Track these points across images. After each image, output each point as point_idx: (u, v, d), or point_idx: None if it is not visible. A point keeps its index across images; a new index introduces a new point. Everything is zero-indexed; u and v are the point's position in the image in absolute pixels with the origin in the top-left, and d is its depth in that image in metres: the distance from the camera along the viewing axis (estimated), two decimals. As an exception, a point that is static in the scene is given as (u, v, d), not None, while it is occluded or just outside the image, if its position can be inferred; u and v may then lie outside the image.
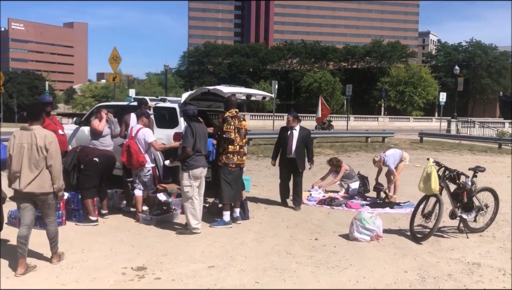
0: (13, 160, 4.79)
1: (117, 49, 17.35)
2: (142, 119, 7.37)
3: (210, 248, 5.82)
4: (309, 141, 8.63)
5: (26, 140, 4.80)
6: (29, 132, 4.84)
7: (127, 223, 7.06)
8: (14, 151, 4.79)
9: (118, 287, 4.47)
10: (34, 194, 4.85)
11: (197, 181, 6.53)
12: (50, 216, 5.13)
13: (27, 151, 4.77)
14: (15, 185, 4.83)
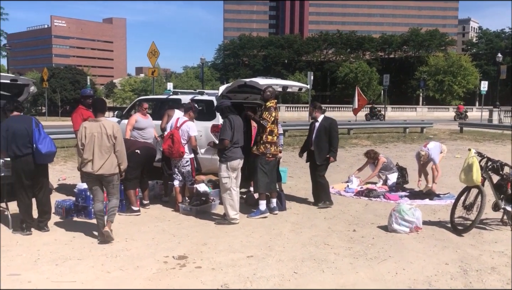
0: (86, 148, 5.58)
1: (155, 44, 17.69)
2: (190, 113, 7.53)
3: (248, 238, 5.90)
4: (332, 132, 7.81)
5: (96, 130, 5.61)
6: (98, 123, 5.67)
7: (168, 213, 7.25)
8: (87, 140, 5.58)
9: (160, 275, 4.61)
10: (104, 175, 5.67)
11: (235, 173, 6.63)
12: (113, 194, 5.89)
13: (98, 139, 5.58)
14: (87, 168, 5.61)
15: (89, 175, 5.70)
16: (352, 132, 22.88)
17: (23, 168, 5.86)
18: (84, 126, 5.69)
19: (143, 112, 8.44)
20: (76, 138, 8.02)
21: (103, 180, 5.73)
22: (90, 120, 5.80)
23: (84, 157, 5.61)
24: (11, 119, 5.98)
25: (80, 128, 5.74)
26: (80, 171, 5.94)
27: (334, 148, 7.80)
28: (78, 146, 5.75)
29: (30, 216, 6.02)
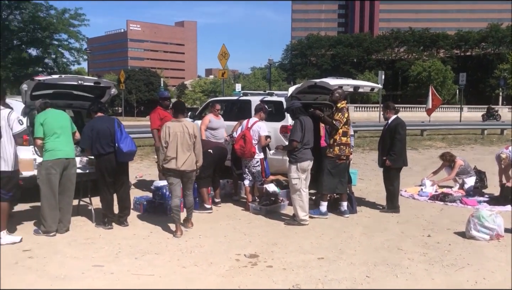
0: (170, 146, 6.00)
1: (225, 46, 18.08)
2: (260, 114, 7.65)
3: (318, 240, 5.89)
4: (395, 134, 7.32)
5: (179, 129, 6.05)
6: (180, 123, 6.13)
7: (238, 212, 7.40)
8: (170, 138, 6.00)
9: (233, 272, 4.72)
10: (185, 171, 6.10)
11: (305, 174, 6.63)
12: (190, 189, 6.35)
13: (180, 138, 6.02)
14: (171, 165, 6.02)
15: (171, 172, 6.08)
16: (425, 134, 22.06)
17: (106, 166, 6.24)
18: (167, 126, 6.10)
19: (215, 113, 8.67)
20: (152, 136, 8.46)
21: (184, 176, 6.14)
22: (173, 120, 6.21)
23: (168, 154, 6.01)
24: (96, 120, 6.39)
25: (163, 128, 6.12)
26: (161, 168, 6.29)
27: (393, 152, 7.31)
28: (160, 144, 6.15)
29: (112, 211, 6.40)
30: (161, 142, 6.11)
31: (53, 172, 5.90)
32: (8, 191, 5.52)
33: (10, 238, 5.53)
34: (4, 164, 5.42)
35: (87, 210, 6.86)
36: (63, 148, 6.01)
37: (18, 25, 35.58)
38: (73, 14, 36.12)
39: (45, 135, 5.94)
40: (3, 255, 5.06)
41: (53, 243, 5.59)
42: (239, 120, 8.74)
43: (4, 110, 5.50)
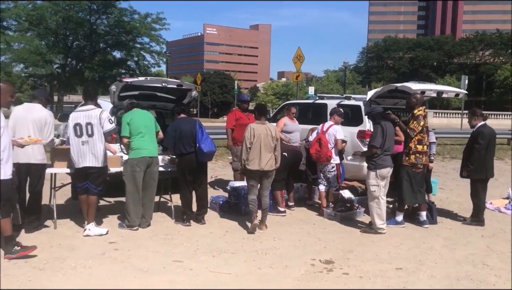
0: (253, 146, 6.26)
1: (300, 49, 18.07)
2: (335, 117, 7.57)
3: (396, 250, 5.70)
4: (474, 143, 6.98)
5: (262, 131, 6.30)
6: (264, 125, 6.40)
7: (312, 216, 7.35)
8: (255, 139, 6.26)
9: (308, 277, 4.70)
10: (268, 171, 6.34)
11: (384, 181, 6.45)
12: (268, 189, 6.54)
13: (263, 139, 6.26)
14: (254, 166, 6.26)
15: (252, 172, 6.32)
16: (513, 143, 20.61)
17: (187, 165, 6.47)
18: (252, 127, 6.37)
19: (291, 116, 8.68)
20: (226, 135, 8.64)
21: (265, 175, 6.38)
22: (257, 122, 6.48)
23: (251, 155, 6.27)
24: (179, 121, 6.65)
25: (248, 129, 6.40)
26: (242, 169, 6.48)
27: (471, 162, 6.97)
28: (244, 145, 6.36)
29: (190, 209, 6.63)
30: (246, 142, 6.34)
31: (137, 170, 6.21)
32: (98, 185, 5.90)
33: (97, 230, 5.90)
34: (94, 160, 5.80)
35: (167, 207, 7.15)
36: (147, 147, 6.31)
37: (105, 29, 37.88)
38: (155, 18, 37.82)
39: (131, 134, 6.27)
40: (93, 246, 5.40)
41: (136, 237, 5.88)
42: (314, 124, 8.71)
43: (96, 109, 5.88)
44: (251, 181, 6.41)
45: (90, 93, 6.02)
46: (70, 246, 5.39)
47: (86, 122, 5.75)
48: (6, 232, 4.86)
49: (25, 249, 4.91)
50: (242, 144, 6.47)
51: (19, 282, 4.28)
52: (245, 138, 6.36)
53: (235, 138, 8.51)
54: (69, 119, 5.88)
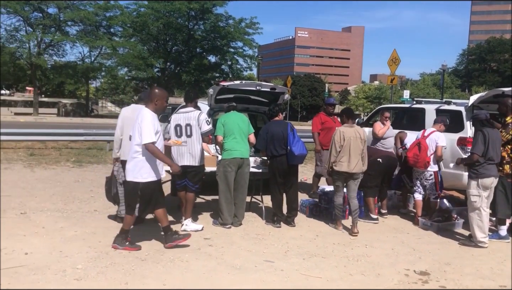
0: (343, 149, 6.40)
1: (396, 51, 17.49)
2: (440, 126, 7.27)
3: (500, 266, 5.31)
4: None
5: (352, 135, 6.45)
6: (353, 128, 6.56)
7: (406, 225, 7.09)
8: (345, 142, 6.40)
9: (402, 286, 4.55)
10: (356, 173, 6.49)
11: (487, 191, 6.04)
12: (355, 192, 6.64)
13: (353, 142, 6.40)
14: (343, 168, 6.42)
15: (340, 174, 6.48)
16: None
17: (278, 167, 6.57)
18: (341, 131, 6.51)
19: (384, 121, 8.45)
20: (313, 139, 8.62)
21: (352, 178, 6.50)
22: (345, 125, 6.62)
23: (340, 157, 6.42)
24: (271, 123, 6.77)
25: (337, 132, 6.54)
26: (330, 170, 6.59)
27: None
28: (333, 148, 6.49)
29: (281, 210, 6.72)
30: (336, 145, 6.46)
31: (229, 170, 6.43)
32: (195, 183, 6.20)
33: (194, 226, 6.19)
34: (192, 159, 6.10)
35: (258, 208, 7.31)
36: (239, 148, 6.51)
37: (201, 34, 39.56)
38: (249, 23, 38.77)
39: (225, 135, 6.51)
40: (189, 241, 5.66)
41: (229, 235, 6.09)
42: (410, 129, 8.40)
43: (195, 111, 6.19)
44: (337, 182, 6.57)
45: (190, 96, 6.34)
46: (169, 240, 5.71)
47: (186, 123, 6.08)
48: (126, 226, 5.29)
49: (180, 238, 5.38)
50: (331, 147, 6.54)
51: (124, 270, 4.62)
52: (335, 141, 6.48)
53: (321, 142, 8.50)
54: (171, 120, 6.25)
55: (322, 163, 8.44)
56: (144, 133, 4.95)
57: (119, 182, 6.20)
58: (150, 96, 5.17)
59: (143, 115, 5.05)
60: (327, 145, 8.33)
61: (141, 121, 5.01)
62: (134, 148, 5.08)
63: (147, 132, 4.95)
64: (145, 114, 5.06)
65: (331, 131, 7.78)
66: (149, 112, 5.09)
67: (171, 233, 5.40)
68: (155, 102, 5.13)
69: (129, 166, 5.12)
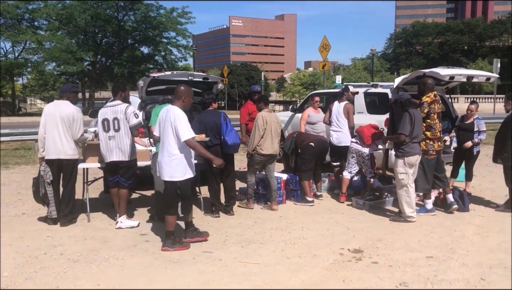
0: (266, 133, 6.81)
1: (326, 38, 17.87)
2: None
3: (427, 238, 5.63)
4: (507, 129, 6.87)
5: (272, 119, 6.92)
6: (271, 113, 7.07)
7: (340, 206, 7.33)
8: (267, 126, 6.82)
9: (337, 266, 4.70)
10: (275, 155, 7.03)
11: (412, 169, 6.36)
12: (274, 171, 7.17)
13: (273, 126, 6.89)
14: (267, 150, 6.82)
15: (264, 156, 6.85)
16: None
17: (213, 157, 6.53)
18: (263, 116, 6.86)
19: (315, 106, 8.65)
20: (240, 130, 8.60)
21: (272, 159, 6.98)
22: (265, 110, 6.98)
23: (264, 141, 6.80)
24: (204, 113, 6.72)
25: (260, 117, 6.84)
26: (251, 153, 6.92)
27: (505, 148, 6.82)
28: (257, 132, 6.79)
29: (219, 200, 6.71)
30: (259, 129, 6.78)
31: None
32: (128, 179, 6.03)
33: (129, 223, 6.04)
34: (121, 154, 5.92)
35: (196, 199, 7.23)
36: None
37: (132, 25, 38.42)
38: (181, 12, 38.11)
39: None
40: (125, 238, 5.54)
41: (166, 229, 5.99)
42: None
43: (122, 104, 5.99)
44: (257, 165, 6.96)
45: (117, 89, 6.13)
46: (103, 239, 5.55)
47: (113, 117, 5.88)
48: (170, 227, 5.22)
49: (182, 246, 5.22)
50: (254, 131, 6.80)
51: (55, 273, 4.43)
52: (258, 125, 6.79)
53: (250, 130, 8.54)
54: (98, 114, 6.02)
55: None
56: (182, 130, 4.92)
57: (47, 182, 5.94)
58: (178, 94, 5.14)
59: (176, 113, 4.98)
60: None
61: (175, 119, 4.95)
62: (168, 147, 5.02)
63: (185, 129, 4.94)
64: (178, 112, 5.01)
65: None
66: (179, 109, 5.05)
67: (192, 229, 5.47)
68: (183, 99, 5.14)
69: (165, 166, 5.05)
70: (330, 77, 55.70)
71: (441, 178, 6.88)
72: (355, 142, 7.54)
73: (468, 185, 8.06)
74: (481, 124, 7.83)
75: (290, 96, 73.27)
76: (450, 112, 9.23)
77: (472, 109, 7.91)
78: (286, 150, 7.71)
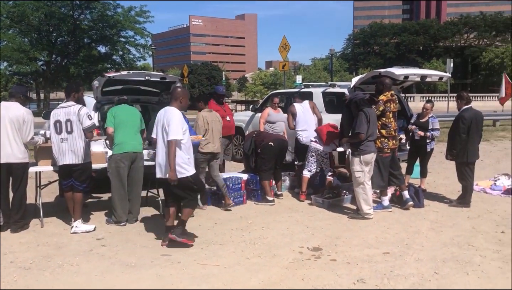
0: (208, 132, 6.91)
1: (286, 38, 18.00)
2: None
3: (384, 235, 5.75)
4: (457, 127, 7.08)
5: (213, 118, 7.04)
6: (212, 112, 7.14)
7: (300, 204, 7.38)
8: (209, 126, 6.92)
9: (296, 265, 4.73)
10: (218, 153, 7.13)
11: (368, 166, 6.47)
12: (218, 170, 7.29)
13: (214, 125, 6.99)
14: (208, 149, 6.92)
15: (206, 155, 6.96)
16: (498, 124, 20.86)
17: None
18: (204, 116, 6.99)
19: (274, 107, 8.69)
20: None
21: (215, 157, 7.11)
22: (206, 110, 7.11)
23: (206, 140, 6.89)
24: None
25: (200, 117, 6.95)
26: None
27: (454, 146, 7.07)
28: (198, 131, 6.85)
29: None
30: (199, 130, 6.87)
31: (121, 165, 6.17)
32: (82, 182, 5.85)
33: (85, 227, 5.87)
34: (74, 157, 5.74)
35: (155, 201, 7.12)
36: (132, 142, 6.26)
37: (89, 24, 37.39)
38: (139, 11, 37.40)
39: (115, 128, 6.22)
40: (80, 243, 5.37)
41: (124, 232, 5.86)
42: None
43: (75, 105, 5.81)
44: (202, 164, 6.97)
45: (70, 89, 5.94)
46: (57, 244, 5.36)
47: (66, 118, 5.69)
48: (185, 218, 5.40)
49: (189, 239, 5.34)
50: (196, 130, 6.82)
51: (4, 283, 4.24)
52: (199, 125, 6.90)
53: None
54: (50, 116, 5.81)
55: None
56: (171, 130, 5.02)
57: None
58: (175, 95, 5.28)
59: (172, 113, 5.13)
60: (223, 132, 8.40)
61: (168, 118, 5.08)
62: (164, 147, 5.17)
63: (174, 129, 5.03)
64: (174, 112, 5.15)
65: (223, 119, 7.95)
66: (176, 110, 5.19)
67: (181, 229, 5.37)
68: (180, 100, 5.26)
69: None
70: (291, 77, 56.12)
71: (396, 175, 7.05)
72: (314, 141, 7.62)
73: (423, 182, 8.29)
74: (435, 122, 8.08)
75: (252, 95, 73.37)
76: (405, 111, 9.47)
77: (428, 108, 8.15)
78: (246, 150, 7.71)
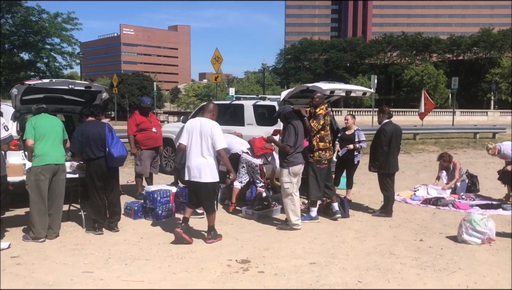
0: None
1: (218, 50, 18.05)
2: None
3: (311, 245, 5.86)
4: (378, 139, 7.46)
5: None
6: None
7: (230, 216, 7.36)
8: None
9: (224, 278, 4.68)
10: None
11: (296, 178, 6.60)
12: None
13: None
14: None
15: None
16: (418, 137, 22.16)
17: (96, 171, 6.18)
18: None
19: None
20: (128, 142, 8.35)
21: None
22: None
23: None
24: (86, 124, 6.33)
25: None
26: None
27: (376, 158, 7.38)
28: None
29: (102, 216, 6.33)
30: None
31: (42, 178, 5.83)
32: (-4, 196, 5.45)
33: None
34: (-12, 169, 5.34)
35: (78, 216, 6.78)
36: (53, 154, 5.95)
37: (10, 28, 35.32)
38: (66, 18, 35.88)
39: (35, 139, 5.88)
40: (-9, 262, 4.99)
41: (42, 249, 5.52)
42: (231, 124, 8.76)
43: (-10, 116, 5.43)
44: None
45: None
46: (-35, 264, 4.93)
47: (-20, 129, 5.29)
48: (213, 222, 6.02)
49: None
50: None
51: None
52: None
53: (139, 141, 8.37)
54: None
55: (142, 162, 8.33)
56: (220, 140, 5.74)
57: None
58: (209, 109, 5.97)
59: (213, 124, 5.80)
60: (146, 144, 8.26)
61: (214, 130, 5.73)
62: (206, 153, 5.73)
63: (222, 140, 5.78)
64: (215, 123, 5.83)
65: (148, 131, 7.88)
66: (214, 122, 5.85)
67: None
68: (213, 113, 5.97)
69: (208, 169, 5.75)
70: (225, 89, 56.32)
71: (330, 186, 7.23)
72: (246, 153, 7.66)
73: (348, 193, 8.58)
74: (361, 135, 8.41)
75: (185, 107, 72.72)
76: (332, 125, 9.78)
77: (348, 119, 8.51)
78: (176, 163, 7.57)
